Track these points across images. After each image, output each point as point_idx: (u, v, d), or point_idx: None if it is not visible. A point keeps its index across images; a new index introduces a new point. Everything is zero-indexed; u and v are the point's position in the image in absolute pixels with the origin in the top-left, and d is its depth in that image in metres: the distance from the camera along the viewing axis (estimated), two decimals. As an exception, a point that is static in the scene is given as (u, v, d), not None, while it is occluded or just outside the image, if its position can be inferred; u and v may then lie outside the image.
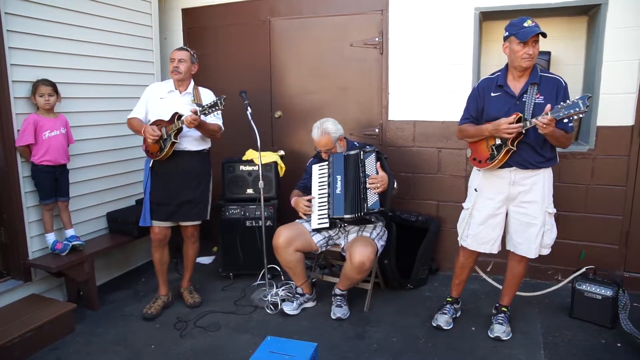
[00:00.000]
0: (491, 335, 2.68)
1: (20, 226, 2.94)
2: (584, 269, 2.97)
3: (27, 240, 2.98)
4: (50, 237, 3.05)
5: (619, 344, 2.61)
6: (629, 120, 3.09)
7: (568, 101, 2.19)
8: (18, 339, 2.55)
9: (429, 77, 3.54)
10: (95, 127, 3.43)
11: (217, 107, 2.75)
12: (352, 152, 2.97)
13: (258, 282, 3.45)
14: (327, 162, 3.05)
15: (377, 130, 3.76)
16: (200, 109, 2.77)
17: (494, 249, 2.68)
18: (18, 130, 2.87)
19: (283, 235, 2.98)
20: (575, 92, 3.50)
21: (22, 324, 2.65)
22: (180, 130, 2.85)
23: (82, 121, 3.30)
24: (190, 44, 3.85)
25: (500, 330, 2.67)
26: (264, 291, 3.19)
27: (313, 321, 2.96)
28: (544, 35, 2.35)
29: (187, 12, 4.27)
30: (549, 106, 2.24)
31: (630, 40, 3.01)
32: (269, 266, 3.21)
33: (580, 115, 2.17)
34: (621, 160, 3.15)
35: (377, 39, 3.64)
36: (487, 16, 3.42)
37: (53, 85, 2.94)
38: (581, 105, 2.13)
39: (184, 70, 2.94)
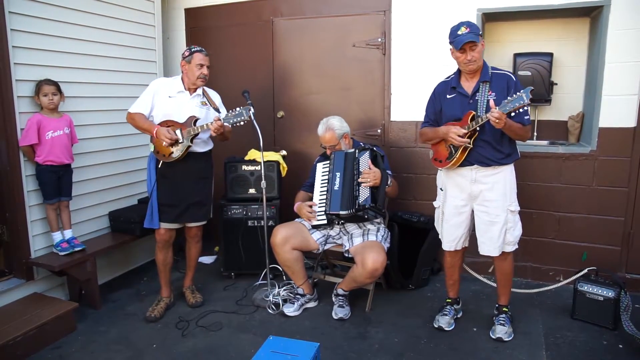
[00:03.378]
0: (493, 336, 2.68)
1: (22, 225, 2.94)
2: (585, 270, 2.97)
3: (29, 238, 2.98)
4: (57, 236, 3.05)
5: (620, 346, 2.61)
6: (631, 122, 3.09)
7: (514, 95, 2.27)
8: (20, 337, 2.55)
9: (432, 77, 3.52)
10: (98, 126, 3.43)
11: (242, 118, 2.77)
12: (350, 150, 2.99)
13: (260, 282, 3.45)
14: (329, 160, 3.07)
15: (379, 130, 3.76)
16: (224, 116, 2.80)
17: (459, 245, 2.75)
18: (21, 130, 2.87)
19: (280, 233, 3.00)
20: (577, 93, 3.51)
21: (24, 322, 2.65)
22: (197, 134, 2.85)
23: (84, 120, 3.30)
24: (192, 44, 3.85)
25: (502, 331, 2.67)
26: (265, 291, 3.19)
27: (315, 321, 2.97)
28: (473, 41, 2.41)
29: (189, 12, 4.27)
30: (492, 102, 2.35)
31: (632, 41, 3.01)
32: (270, 266, 3.21)
33: (525, 108, 2.27)
34: (623, 162, 3.15)
35: (379, 40, 3.65)
36: (489, 17, 3.43)
37: (56, 85, 2.94)
38: (525, 98, 2.22)
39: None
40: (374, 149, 2.94)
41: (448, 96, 2.62)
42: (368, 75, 3.75)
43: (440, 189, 2.77)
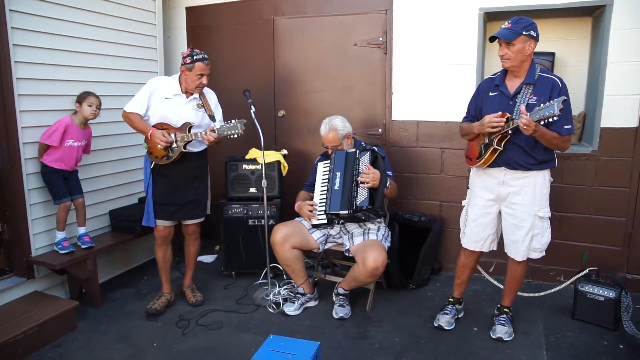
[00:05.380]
0: (493, 336, 2.69)
1: (23, 223, 2.94)
2: (586, 270, 2.96)
3: (30, 237, 2.98)
4: (60, 235, 3.06)
5: (621, 346, 2.61)
6: (633, 122, 3.08)
7: (548, 103, 2.18)
8: (20, 336, 2.55)
9: (433, 77, 3.53)
10: (98, 125, 3.42)
11: (235, 131, 2.75)
12: (351, 150, 2.99)
13: (260, 281, 3.45)
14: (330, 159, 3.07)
15: (380, 130, 3.76)
16: (219, 127, 2.78)
17: (485, 247, 2.70)
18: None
19: (280, 232, 3.00)
20: (578, 93, 3.50)
21: (25, 321, 2.66)
22: (190, 141, 2.85)
23: (85, 119, 3.31)
24: (193, 43, 3.85)
25: (502, 331, 2.67)
26: (266, 290, 3.19)
27: (315, 320, 2.97)
28: (496, 38, 2.37)
29: (190, 11, 4.27)
30: (522, 107, 2.28)
31: (634, 41, 3.00)
32: (271, 265, 3.21)
33: (555, 118, 2.16)
34: (625, 162, 3.14)
35: (381, 39, 3.64)
36: (491, 17, 3.42)
37: (100, 101, 3.05)
38: (555, 108, 2.12)
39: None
40: (375, 149, 2.93)
41: (490, 94, 2.54)
42: (369, 74, 3.74)
43: (467, 187, 2.76)
